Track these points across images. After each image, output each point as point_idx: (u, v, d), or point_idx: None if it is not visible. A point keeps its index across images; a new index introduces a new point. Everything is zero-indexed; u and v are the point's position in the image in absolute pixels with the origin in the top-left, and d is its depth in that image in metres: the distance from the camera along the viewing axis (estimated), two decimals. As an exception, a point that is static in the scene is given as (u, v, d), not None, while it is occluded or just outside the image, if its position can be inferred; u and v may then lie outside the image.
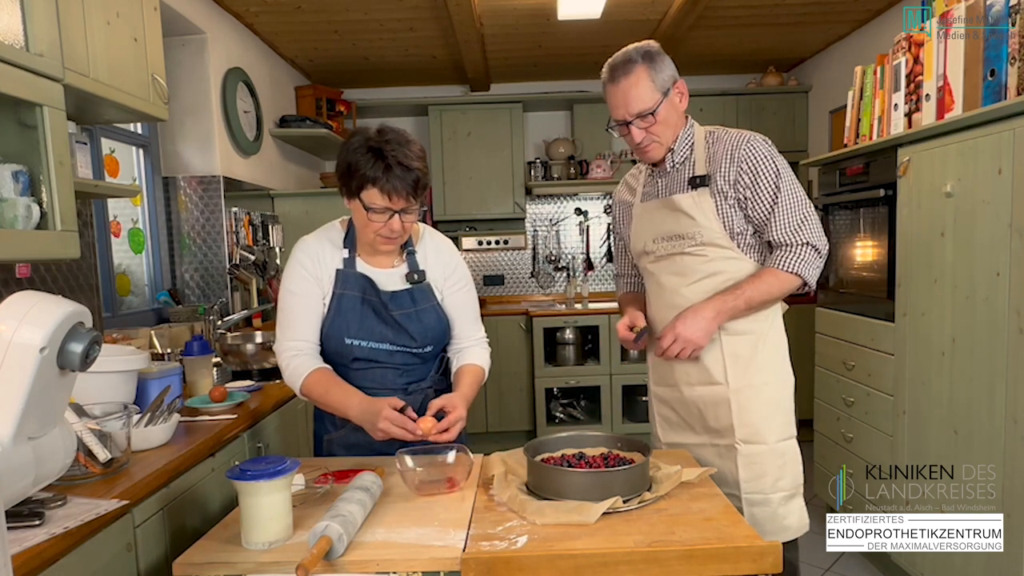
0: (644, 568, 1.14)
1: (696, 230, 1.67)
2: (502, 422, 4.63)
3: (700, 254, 1.68)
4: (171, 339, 2.66)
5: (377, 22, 3.69)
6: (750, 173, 1.64)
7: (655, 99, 1.64)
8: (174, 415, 1.67)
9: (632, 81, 1.63)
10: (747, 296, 1.63)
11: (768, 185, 1.63)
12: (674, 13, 3.62)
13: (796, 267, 1.63)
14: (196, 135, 3.29)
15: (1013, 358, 1.94)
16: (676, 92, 1.68)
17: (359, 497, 1.28)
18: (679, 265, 1.71)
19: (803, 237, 1.64)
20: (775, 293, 1.66)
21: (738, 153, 1.64)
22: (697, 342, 1.64)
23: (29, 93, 1.52)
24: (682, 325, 1.64)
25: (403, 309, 1.66)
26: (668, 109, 1.66)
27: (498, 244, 5.08)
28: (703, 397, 1.73)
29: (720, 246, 1.67)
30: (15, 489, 0.81)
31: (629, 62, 1.64)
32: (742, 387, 1.69)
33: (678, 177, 1.73)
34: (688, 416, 1.78)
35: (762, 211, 1.65)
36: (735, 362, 1.69)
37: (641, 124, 1.66)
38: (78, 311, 0.84)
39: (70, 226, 1.65)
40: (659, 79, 1.64)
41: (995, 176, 1.99)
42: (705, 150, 1.70)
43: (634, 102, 1.64)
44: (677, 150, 1.73)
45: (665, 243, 1.73)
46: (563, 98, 4.92)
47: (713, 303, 1.64)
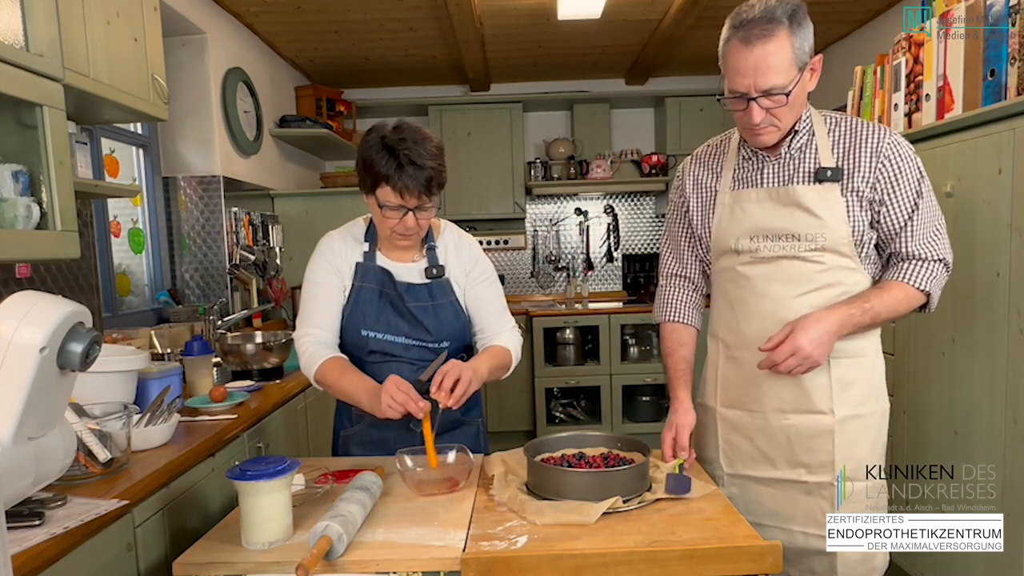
0: (644, 568, 1.14)
1: (820, 231, 1.41)
2: (502, 422, 4.62)
3: (817, 260, 1.42)
4: (171, 339, 2.66)
5: (377, 22, 3.69)
6: (894, 174, 1.40)
7: (792, 76, 1.32)
8: (174, 415, 1.67)
9: (772, 48, 1.30)
10: (875, 312, 1.40)
11: (911, 190, 1.41)
12: (674, 13, 3.62)
13: (928, 284, 1.43)
14: (196, 135, 3.29)
15: (1013, 358, 1.94)
16: (810, 69, 1.37)
17: (359, 497, 1.28)
18: (788, 271, 1.44)
19: (938, 252, 1.43)
20: (900, 311, 1.44)
21: (883, 148, 1.40)
22: (817, 359, 1.37)
23: (29, 93, 1.52)
24: (804, 336, 1.35)
25: (420, 302, 1.66)
26: (800, 90, 1.36)
27: (498, 244, 5.08)
28: (798, 427, 1.47)
29: (842, 254, 1.42)
30: (15, 489, 0.81)
31: (773, 22, 1.29)
32: (848, 417, 1.46)
33: (796, 165, 1.44)
34: (771, 448, 1.51)
35: (898, 219, 1.42)
36: (844, 388, 1.45)
37: (766, 103, 1.34)
38: (78, 311, 0.84)
39: (70, 226, 1.65)
40: (801, 50, 1.32)
41: (995, 176, 1.99)
42: (828, 137, 1.44)
43: (768, 75, 1.31)
44: (800, 133, 1.44)
45: (771, 243, 1.45)
46: (563, 98, 4.92)
47: (836, 314, 1.38)
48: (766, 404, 1.50)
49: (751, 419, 1.53)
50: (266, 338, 2.55)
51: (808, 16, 1.35)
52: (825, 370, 1.44)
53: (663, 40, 4.08)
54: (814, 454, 1.47)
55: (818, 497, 1.49)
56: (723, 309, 1.57)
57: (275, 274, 3.75)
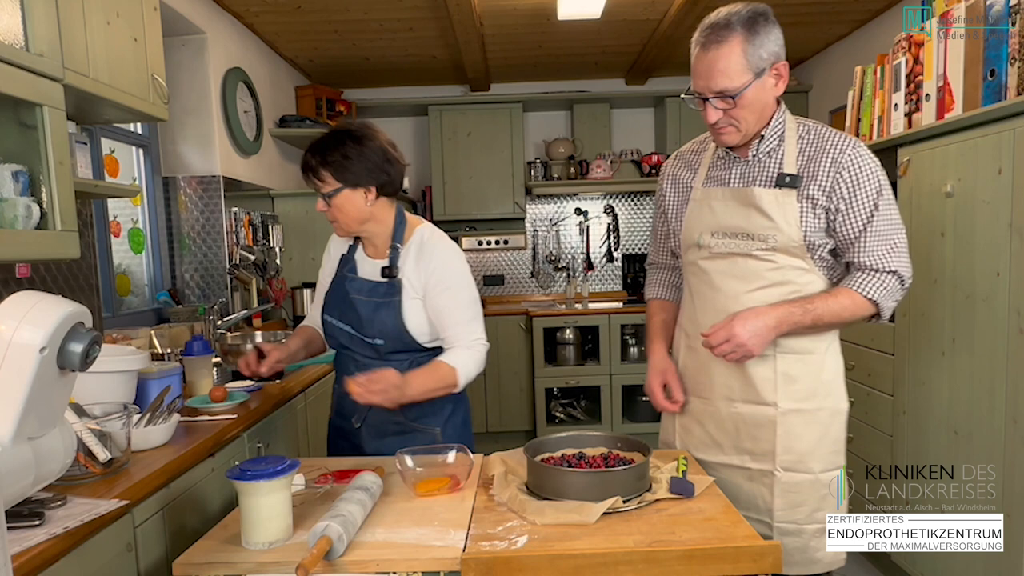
0: (644, 568, 1.14)
1: (771, 232, 1.48)
2: (502, 422, 4.62)
3: (769, 259, 1.50)
4: (171, 339, 2.66)
5: (377, 22, 3.69)
6: (851, 184, 1.45)
7: (743, 80, 1.40)
8: (174, 415, 1.67)
9: (723, 53, 1.39)
10: (816, 314, 1.46)
11: (867, 201, 1.45)
12: (674, 13, 3.62)
13: (877, 295, 1.47)
14: (196, 135, 3.29)
15: (1013, 358, 1.94)
16: (772, 74, 1.44)
17: (359, 497, 1.28)
18: (742, 268, 1.52)
19: (892, 264, 1.47)
20: (845, 317, 1.49)
21: (842, 159, 1.45)
22: (751, 350, 1.44)
23: (29, 93, 1.52)
24: (740, 326, 1.43)
25: (361, 295, 1.78)
26: (757, 92, 1.42)
27: (498, 244, 5.08)
28: (744, 415, 1.56)
29: (793, 255, 1.49)
30: (15, 489, 0.81)
31: (727, 28, 1.38)
32: (791, 410, 1.53)
33: (760, 168, 1.52)
34: (719, 433, 1.61)
35: (853, 228, 1.47)
36: (789, 382, 1.53)
37: (719, 104, 1.43)
38: (78, 311, 0.84)
39: (70, 226, 1.65)
40: (755, 56, 1.40)
41: (995, 176, 1.99)
42: (796, 144, 1.50)
43: (718, 78, 1.40)
44: (766, 138, 1.51)
45: (728, 240, 1.53)
46: (563, 98, 4.92)
47: (777, 311, 1.45)
48: (717, 392, 1.60)
49: (704, 406, 1.63)
50: (266, 338, 2.55)
51: (772, 24, 1.41)
52: (771, 364, 1.53)
53: (663, 40, 4.08)
54: (757, 442, 1.56)
55: (759, 484, 1.57)
56: (686, 301, 1.69)
57: (275, 274, 3.75)
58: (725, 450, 1.60)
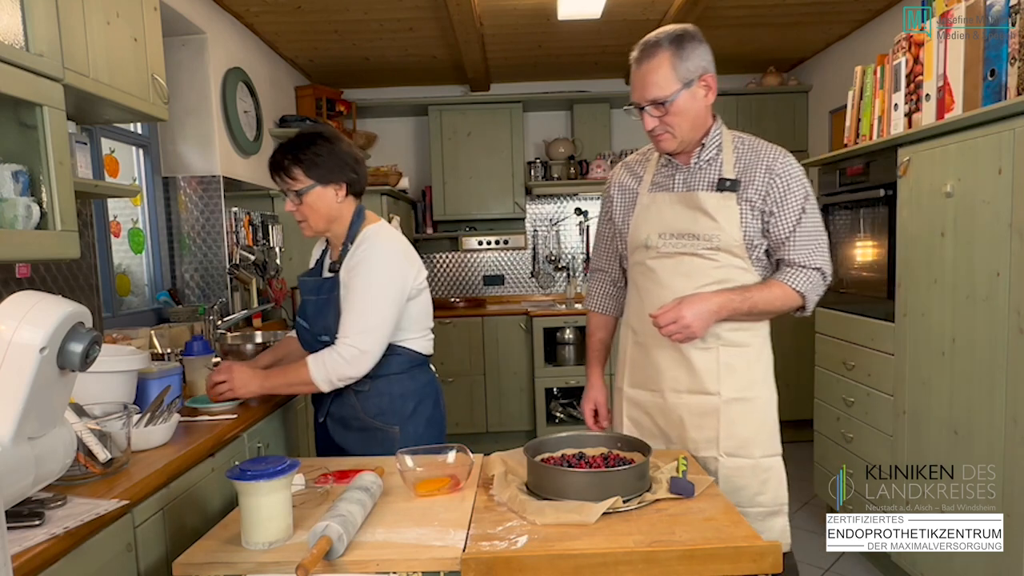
0: (644, 568, 1.14)
1: (715, 233, 1.62)
2: (502, 422, 4.62)
3: (712, 258, 1.63)
4: (171, 339, 2.66)
5: (377, 22, 3.69)
6: (782, 189, 1.62)
7: (672, 89, 1.57)
8: (174, 415, 1.67)
9: (652, 66, 1.57)
10: (753, 301, 1.61)
11: (796, 204, 1.62)
12: (674, 13, 3.62)
13: (803, 287, 1.64)
14: (196, 135, 3.29)
15: (1013, 358, 1.94)
16: (701, 85, 1.60)
17: (359, 497, 1.28)
18: (687, 266, 1.65)
19: (816, 261, 1.64)
20: (777, 306, 1.64)
21: (775, 166, 1.62)
22: (695, 331, 1.57)
23: (29, 93, 1.52)
24: (688, 309, 1.55)
25: (308, 294, 1.87)
26: (687, 101, 1.59)
27: (498, 244, 5.08)
28: (689, 405, 1.68)
29: (734, 254, 1.63)
30: (15, 489, 0.81)
31: (656, 46, 1.57)
32: (733, 399, 1.66)
33: (702, 175, 1.67)
34: (667, 424, 1.73)
35: (784, 229, 1.63)
36: (730, 373, 1.66)
37: (654, 112, 1.60)
38: (78, 311, 0.84)
39: (70, 226, 1.65)
40: (683, 68, 1.57)
41: (995, 176, 1.99)
42: (733, 153, 1.66)
43: (650, 88, 1.58)
44: (707, 147, 1.67)
45: (675, 240, 1.66)
46: (563, 98, 4.92)
47: (719, 297, 1.59)
48: (664, 384, 1.71)
49: (652, 398, 1.75)
50: (266, 338, 2.56)
51: (699, 42, 1.59)
52: (714, 355, 1.66)
53: (663, 40, 4.08)
54: (702, 431, 1.68)
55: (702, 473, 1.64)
56: (633, 298, 1.80)
57: (275, 274, 3.75)
58: (672, 440, 1.73)
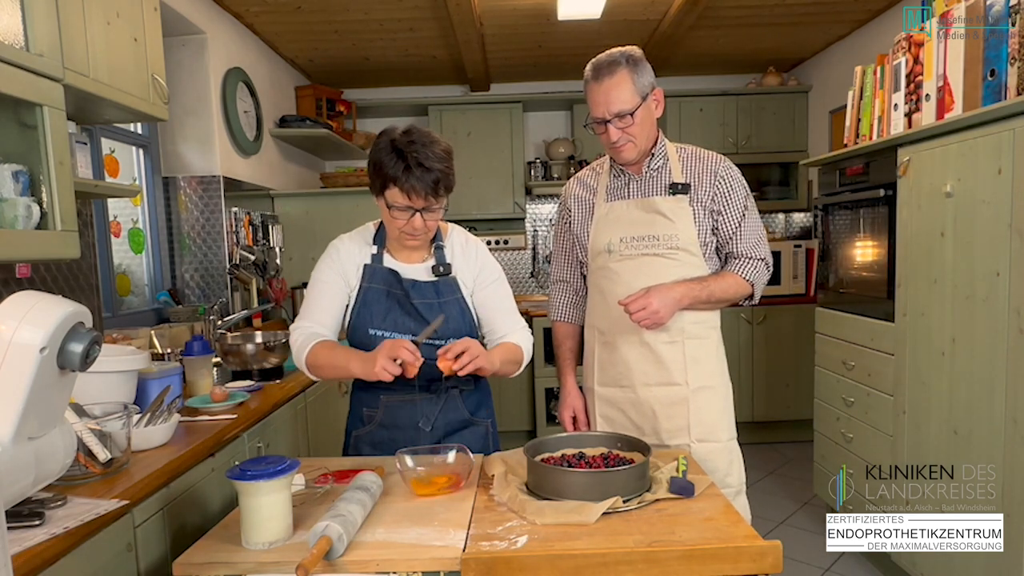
0: (644, 568, 1.14)
1: (673, 233, 1.76)
2: (502, 422, 4.56)
3: (672, 257, 1.77)
4: (171, 339, 2.66)
5: (377, 22, 3.69)
6: (727, 190, 1.79)
7: (635, 102, 1.71)
8: (174, 415, 1.67)
9: (615, 82, 1.70)
10: (711, 290, 1.75)
11: (739, 204, 1.80)
12: (674, 13, 3.62)
13: (752, 277, 1.82)
14: (196, 135, 3.29)
15: (1013, 358, 1.94)
16: (653, 99, 1.77)
17: (359, 497, 1.28)
18: (650, 266, 1.77)
19: (760, 253, 1.82)
20: (731, 295, 1.79)
21: (719, 171, 1.80)
22: (662, 318, 1.68)
23: (29, 93, 1.52)
24: (657, 297, 1.66)
25: (425, 299, 1.69)
26: (645, 113, 1.75)
27: (498, 244, 5.07)
28: (659, 397, 1.79)
29: (691, 252, 1.77)
30: (15, 489, 0.81)
31: (614, 63, 1.71)
32: (699, 388, 1.79)
33: (653, 182, 1.82)
34: (639, 417, 1.82)
35: (730, 226, 1.81)
36: (695, 364, 1.79)
37: (619, 124, 1.73)
38: (78, 311, 0.84)
39: (70, 226, 1.65)
40: (640, 83, 1.72)
41: (995, 176, 1.99)
42: (680, 162, 1.82)
43: (615, 102, 1.71)
44: (656, 156, 1.82)
45: (635, 243, 1.79)
46: (563, 98, 4.92)
47: (681, 287, 1.72)
48: (635, 379, 1.81)
49: (624, 394, 1.84)
50: (266, 338, 2.55)
51: (646, 63, 1.74)
52: (680, 348, 1.79)
53: (663, 40, 4.08)
54: (672, 420, 1.79)
55: None
56: (597, 302, 1.89)
57: (275, 274, 3.75)
58: (645, 432, 1.81)
